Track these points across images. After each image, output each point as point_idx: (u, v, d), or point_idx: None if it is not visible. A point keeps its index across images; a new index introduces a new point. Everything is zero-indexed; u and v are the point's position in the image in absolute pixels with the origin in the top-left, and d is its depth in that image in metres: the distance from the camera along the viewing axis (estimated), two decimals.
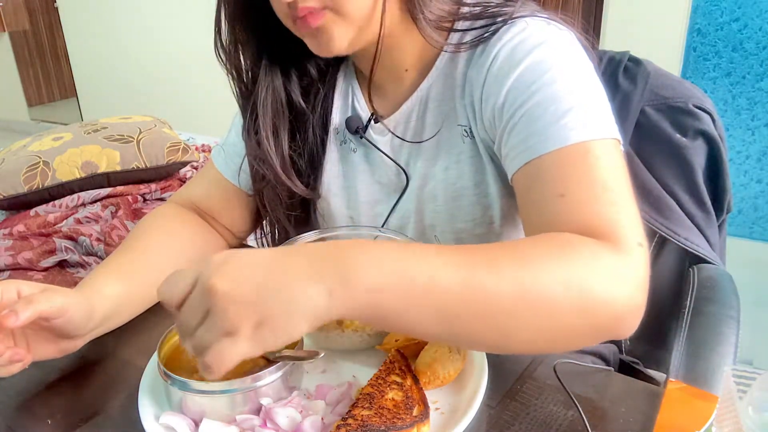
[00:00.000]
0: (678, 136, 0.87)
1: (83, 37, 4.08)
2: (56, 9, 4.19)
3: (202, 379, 0.58)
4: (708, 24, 2.28)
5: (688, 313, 0.81)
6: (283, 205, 0.83)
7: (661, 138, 0.86)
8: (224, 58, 0.78)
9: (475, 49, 0.71)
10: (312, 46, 0.70)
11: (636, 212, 0.55)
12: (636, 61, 0.91)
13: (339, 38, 0.67)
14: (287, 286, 0.45)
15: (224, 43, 0.77)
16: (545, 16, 0.69)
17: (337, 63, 0.84)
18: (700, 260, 0.89)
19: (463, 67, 0.72)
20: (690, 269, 0.89)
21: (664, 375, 0.81)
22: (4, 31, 4.88)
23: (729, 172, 0.90)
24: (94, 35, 4.00)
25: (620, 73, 0.88)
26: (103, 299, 0.68)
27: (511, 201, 0.74)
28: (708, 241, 0.90)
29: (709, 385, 0.71)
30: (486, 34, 0.69)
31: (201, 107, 3.54)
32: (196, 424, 0.57)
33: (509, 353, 0.60)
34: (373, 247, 0.49)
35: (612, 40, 2.39)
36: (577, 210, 0.55)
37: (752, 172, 2.37)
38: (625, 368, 0.91)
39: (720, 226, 0.93)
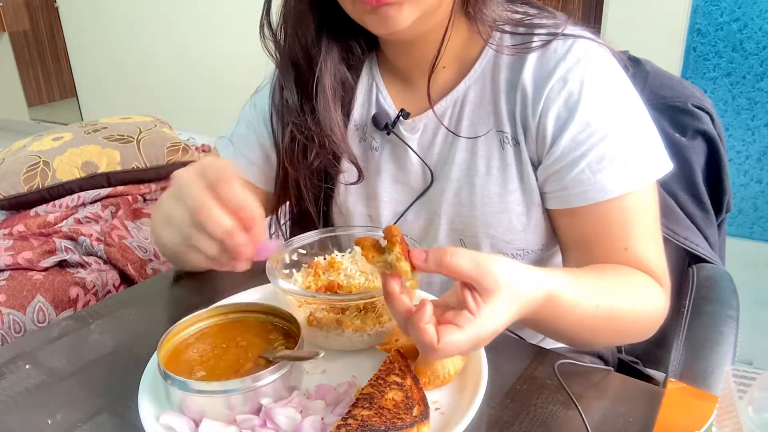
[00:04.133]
0: (677, 135, 0.87)
1: (83, 37, 4.08)
2: (56, 9, 4.18)
3: (202, 379, 0.58)
4: (708, 24, 2.28)
5: (687, 312, 0.81)
6: (315, 191, 0.83)
7: (661, 138, 0.86)
8: (270, 37, 0.79)
9: (523, 56, 0.71)
10: (373, 22, 0.69)
11: (663, 245, 0.71)
12: (635, 61, 0.91)
13: (405, 16, 0.67)
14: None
15: (272, 26, 0.78)
16: (593, 37, 0.72)
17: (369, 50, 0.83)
18: (699, 260, 0.89)
19: (507, 73, 0.73)
20: (689, 269, 0.89)
21: (664, 374, 0.81)
22: (4, 31, 4.88)
23: (728, 171, 0.90)
24: (94, 35, 4.00)
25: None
26: None
27: (544, 209, 0.74)
28: (707, 240, 0.90)
29: (709, 384, 0.71)
30: (534, 43, 0.71)
31: (201, 107, 3.54)
32: (196, 424, 0.57)
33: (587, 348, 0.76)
34: (553, 304, 0.57)
35: (612, 40, 2.39)
36: (638, 262, 0.68)
37: (752, 172, 2.37)
38: (624, 368, 0.91)
39: (719, 226, 0.93)
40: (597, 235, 0.69)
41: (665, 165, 0.70)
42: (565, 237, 0.73)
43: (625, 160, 0.67)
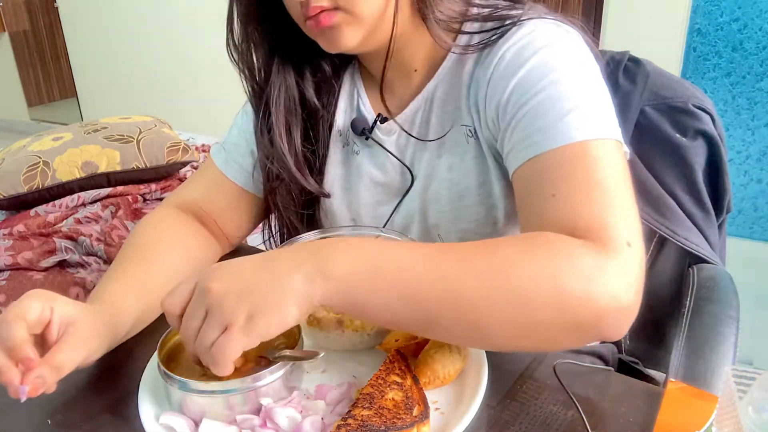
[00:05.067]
0: (678, 136, 0.87)
1: (83, 37, 4.08)
2: (56, 9, 4.18)
3: (202, 379, 0.58)
4: (708, 24, 2.28)
5: (687, 312, 0.81)
6: (296, 204, 0.83)
7: (661, 138, 0.86)
8: (236, 57, 0.79)
9: (483, 50, 0.71)
10: (322, 43, 0.71)
11: (633, 213, 0.56)
12: (636, 61, 0.91)
13: (349, 37, 0.69)
14: (273, 279, 0.51)
15: (236, 42, 0.78)
16: (553, 18, 0.70)
17: (346, 62, 0.84)
18: (699, 260, 0.89)
19: (470, 67, 0.73)
20: (690, 269, 0.89)
21: (664, 375, 0.81)
22: (4, 31, 4.87)
23: (729, 172, 0.90)
24: (94, 35, 3.99)
25: (620, 73, 0.88)
26: (126, 320, 0.67)
27: (514, 201, 0.74)
28: (708, 241, 0.90)
29: (709, 385, 0.71)
30: (494, 37, 0.70)
31: (201, 107, 3.54)
32: (196, 424, 0.57)
33: (488, 348, 0.61)
34: (349, 241, 0.55)
35: (612, 40, 2.39)
36: (566, 210, 0.55)
37: (752, 172, 2.37)
38: (624, 368, 0.91)
39: (720, 226, 0.93)
40: (528, 190, 0.61)
41: (613, 132, 0.61)
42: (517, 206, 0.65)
43: (559, 114, 0.61)
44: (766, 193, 2.38)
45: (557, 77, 0.63)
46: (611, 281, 0.50)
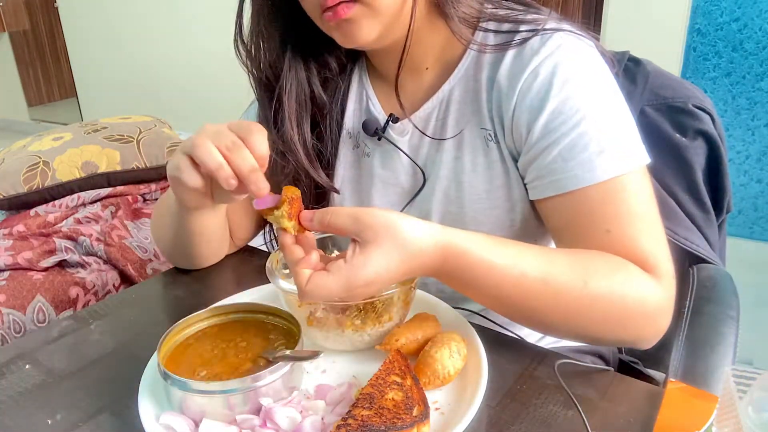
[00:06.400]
0: (678, 136, 0.87)
1: (83, 37, 4.08)
2: (56, 9, 4.19)
3: (202, 379, 0.58)
4: (708, 24, 2.28)
5: (687, 312, 0.81)
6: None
7: (661, 138, 0.86)
8: (243, 52, 0.79)
9: (503, 54, 0.71)
10: (338, 38, 0.71)
11: (664, 235, 0.66)
12: (636, 61, 0.91)
13: (367, 30, 0.69)
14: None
15: (245, 38, 0.78)
16: (572, 29, 0.71)
17: (353, 60, 0.84)
18: (699, 260, 0.89)
19: (488, 71, 0.73)
20: (690, 269, 0.89)
21: (664, 375, 0.81)
22: (4, 31, 4.88)
23: (729, 172, 0.90)
24: (94, 35, 4.00)
25: (620, 73, 0.88)
26: None
27: (531, 205, 0.74)
28: (708, 241, 0.90)
29: (709, 385, 0.71)
30: (514, 41, 0.70)
31: (201, 107, 3.54)
32: (196, 424, 0.57)
33: (556, 336, 0.72)
34: (474, 263, 0.58)
35: (612, 40, 2.39)
36: (624, 244, 0.64)
37: (752, 172, 2.37)
38: (625, 368, 0.91)
39: (720, 226, 0.93)
40: (578, 222, 0.67)
41: (642, 157, 0.67)
42: (551, 226, 0.72)
43: (598, 149, 0.65)
44: (766, 193, 2.38)
45: (589, 112, 0.66)
46: (664, 311, 0.64)
